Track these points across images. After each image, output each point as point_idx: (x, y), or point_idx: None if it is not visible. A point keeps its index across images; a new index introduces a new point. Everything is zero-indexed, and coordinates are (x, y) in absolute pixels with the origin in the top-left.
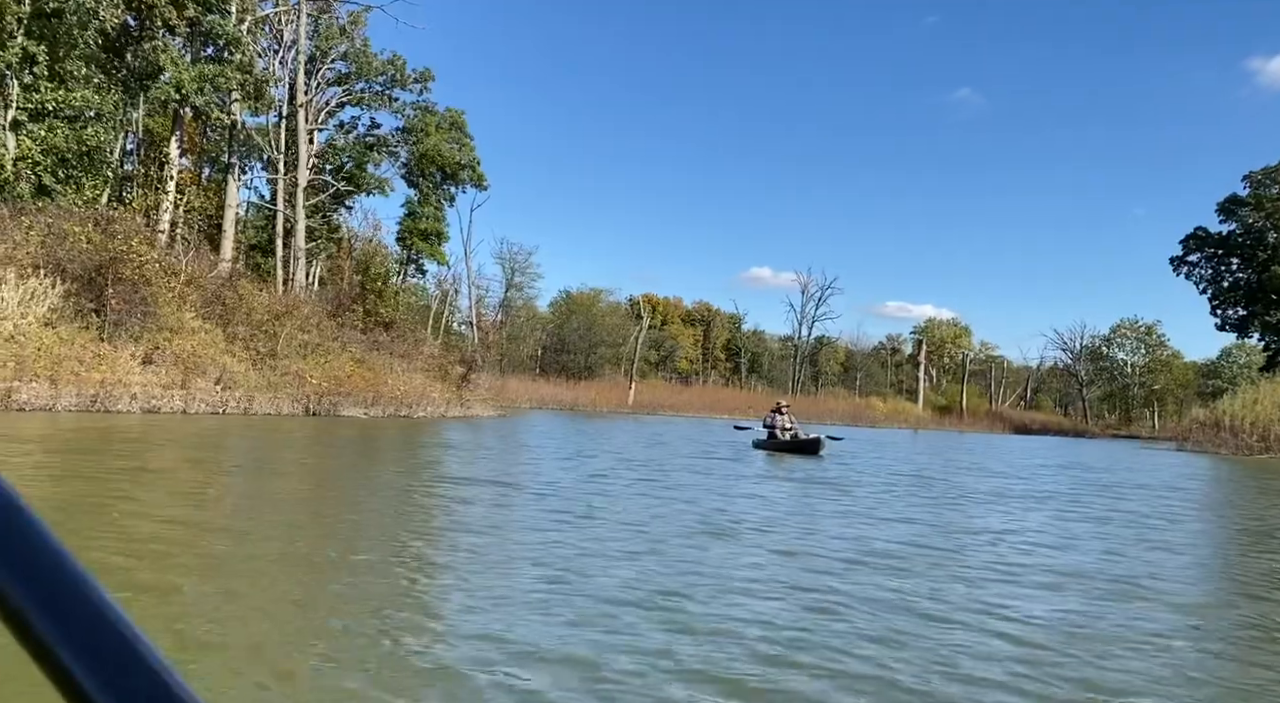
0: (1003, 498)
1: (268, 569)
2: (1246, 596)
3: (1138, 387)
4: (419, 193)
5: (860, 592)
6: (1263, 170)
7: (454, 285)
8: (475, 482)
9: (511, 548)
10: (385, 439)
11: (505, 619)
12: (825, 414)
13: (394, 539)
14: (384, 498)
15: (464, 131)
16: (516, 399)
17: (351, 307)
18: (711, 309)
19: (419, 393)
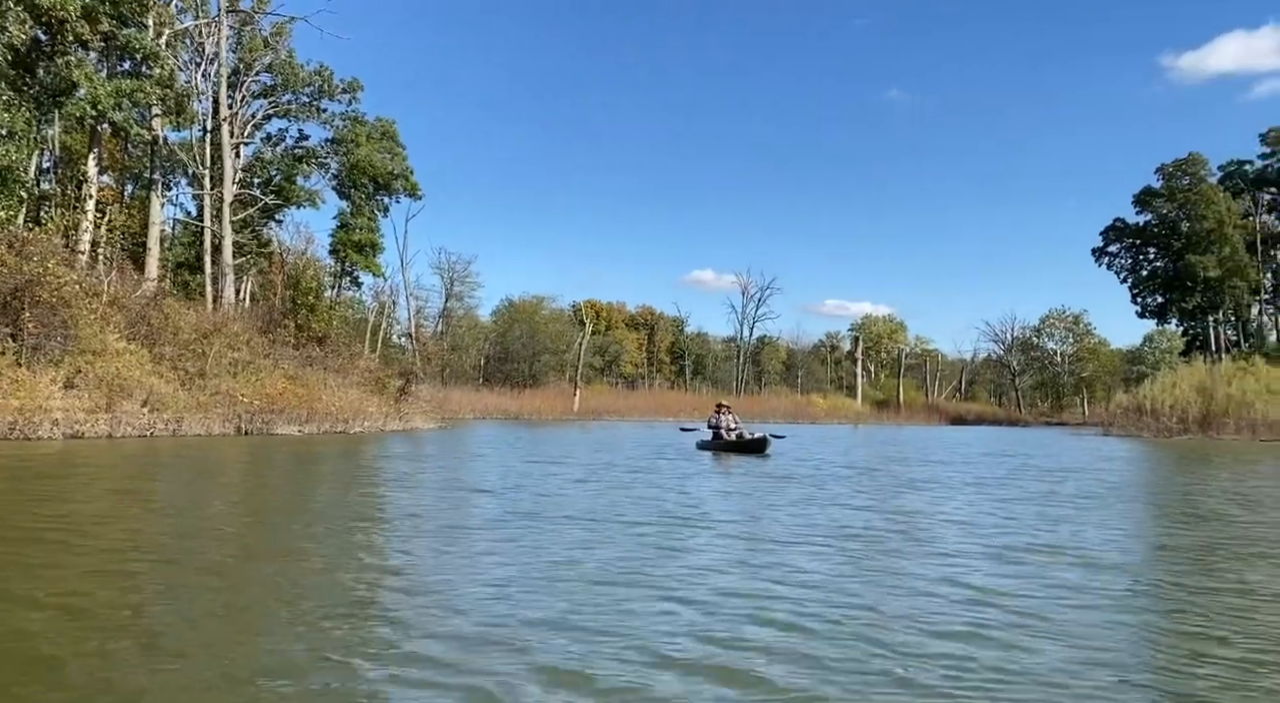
0: (940, 485)
1: (203, 624)
2: (1156, 561)
3: (1067, 375)
4: (351, 204)
5: (816, 568)
6: (1174, 163)
7: (391, 297)
8: (413, 494)
9: (455, 565)
10: (319, 456)
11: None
12: (768, 413)
13: (340, 574)
14: (322, 517)
15: (396, 141)
16: (459, 410)
17: (283, 322)
18: (655, 313)
19: (355, 408)
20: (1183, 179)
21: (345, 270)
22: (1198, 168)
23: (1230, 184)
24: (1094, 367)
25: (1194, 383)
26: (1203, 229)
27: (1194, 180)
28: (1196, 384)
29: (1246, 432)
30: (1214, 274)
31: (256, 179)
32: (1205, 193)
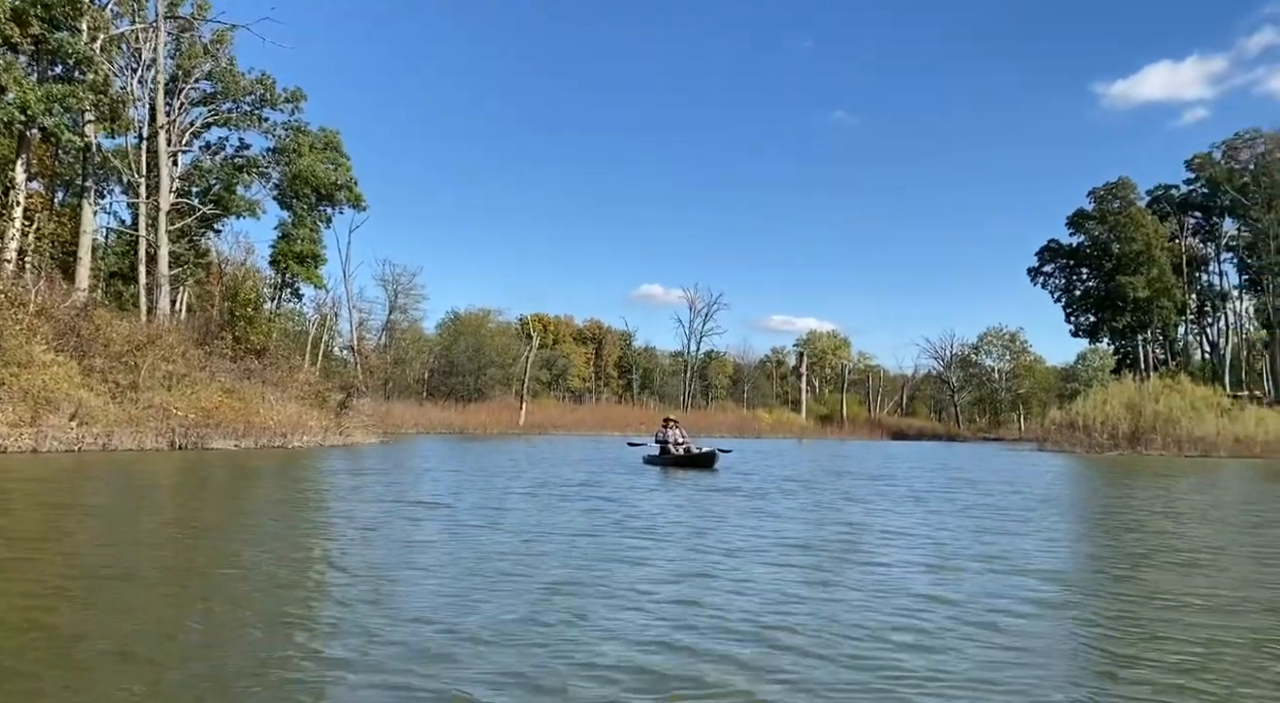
0: (882, 498)
1: (144, 638)
2: (1087, 569)
3: (1005, 391)
4: (293, 215)
5: (763, 576)
6: (1105, 186)
7: (333, 309)
8: (355, 508)
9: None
10: (256, 471)
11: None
12: (714, 427)
13: (278, 591)
14: (260, 532)
15: (340, 151)
16: (402, 425)
17: (220, 334)
18: (603, 327)
19: (294, 422)
20: (1113, 202)
21: (286, 282)
22: (1127, 192)
23: (1158, 208)
24: (1030, 384)
25: (1124, 400)
26: (1132, 251)
27: (1124, 204)
28: (1126, 401)
29: (1173, 447)
30: (1143, 294)
31: (195, 188)
32: (1134, 216)
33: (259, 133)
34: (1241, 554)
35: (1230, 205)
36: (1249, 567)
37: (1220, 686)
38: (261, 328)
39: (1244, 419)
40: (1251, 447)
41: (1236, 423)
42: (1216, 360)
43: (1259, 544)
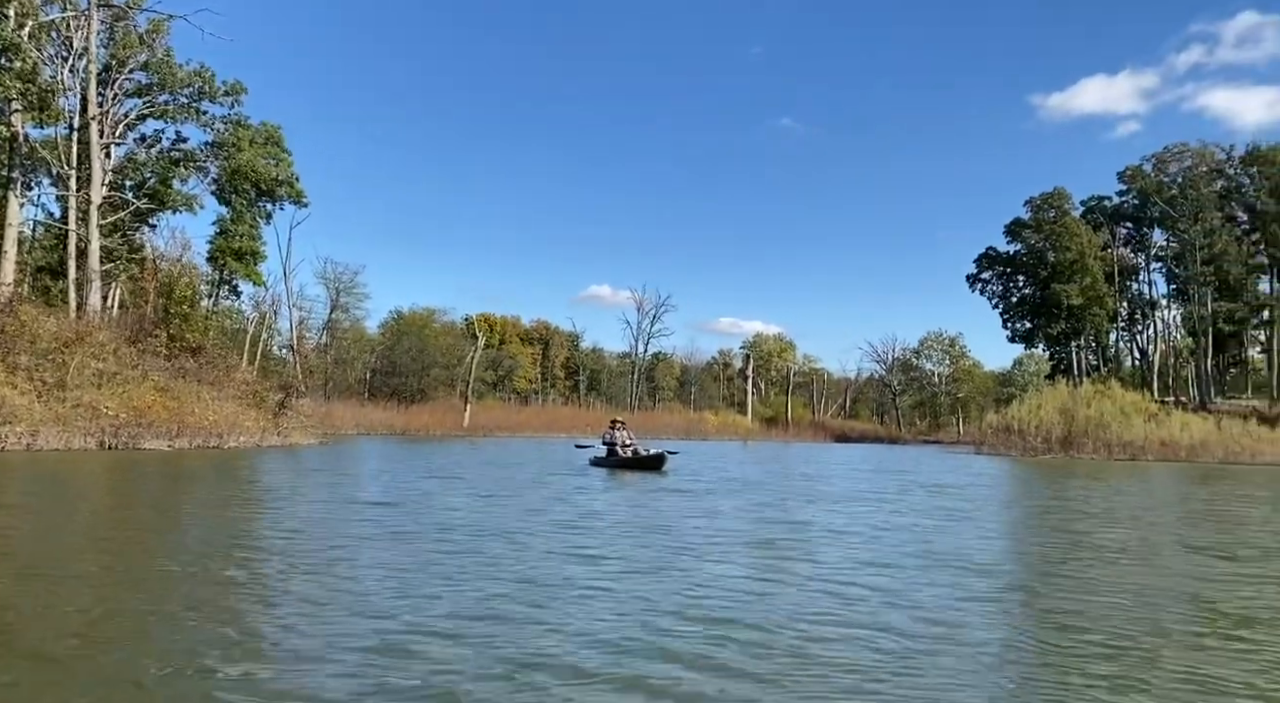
0: (826, 498)
1: (72, 635)
2: (1020, 565)
3: (944, 395)
4: (232, 210)
5: (716, 572)
6: (1041, 196)
7: (273, 307)
8: (293, 509)
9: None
10: (189, 471)
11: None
12: (661, 429)
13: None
14: (191, 531)
15: (281, 147)
16: (342, 425)
17: (154, 332)
18: (550, 328)
19: (230, 422)
20: (1049, 212)
21: (224, 279)
22: (1062, 202)
23: (1092, 218)
24: (968, 388)
25: (1057, 405)
26: (1066, 260)
27: (1059, 213)
28: (1059, 406)
29: (1103, 451)
30: (1076, 302)
31: (129, 181)
32: (1069, 225)
33: (197, 126)
34: (1165, 550)
35: (1159, 217)
36: (1173, 561)
37: (1141, 671)
38: (197, 326)
39: (1170, 424)
40: (1177, 450)
41: (1163, 428)
42: (1145, 367)
43: (1181, 541)
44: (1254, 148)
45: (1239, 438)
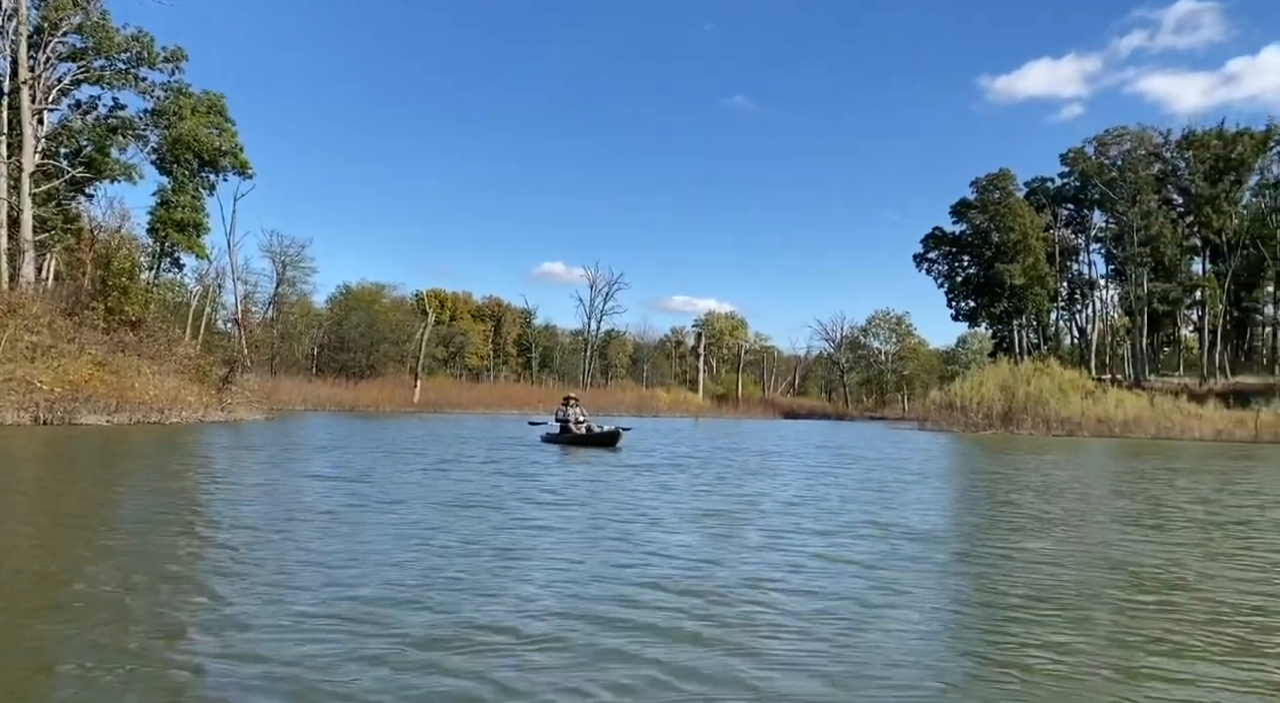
0: (776, 472)
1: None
2: (961, 533)
3: (890, 372)
4: (173, 180)
5: (673, 541)
6: (987, 177)
7: (217, 281)
8: (239, 484)
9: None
10: (128, 447)
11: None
12: (613, 405)
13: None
14: (130, 508)
15: (224, 116)
16: (289, 401)
17: (91, 304)
18: (502, 304)
19: (172, 397)
20: (994, 193)
21: (165, 251)
22: (1007, 183)
23: (1035, 199)
24: (914, 365)
25: (998, 382)
26: (1010, 240)
27: (1003, 194)
28: (1000, 383)
29: (1042, 427)
30: (1019, 282)
31: (63, 149)
32: (1013, 206)
33: (135, 93)
34: (1094, 519)
35: (1099, 199)
36: (1102, 530)
37: (1072, 629)
38: (137, 298)
39: (1105, 401)
40: (1112, 427)
41: (1099, 404)
42: (1084, 345)
43: (1109, 512)
44: (1189, 132)
45: (1170, 414)
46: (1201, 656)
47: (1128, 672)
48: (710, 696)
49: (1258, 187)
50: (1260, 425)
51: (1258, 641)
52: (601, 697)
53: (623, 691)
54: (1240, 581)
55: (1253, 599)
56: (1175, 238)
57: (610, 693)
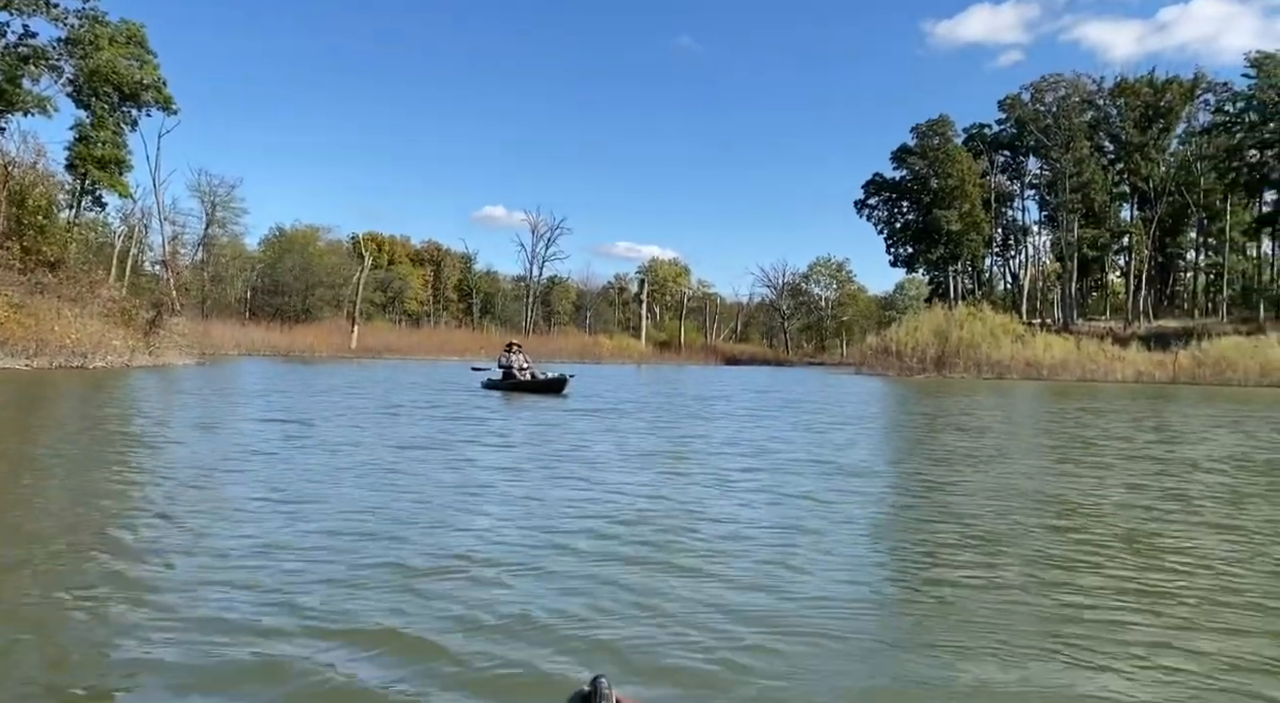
0: (719, 415)
1: None
2: (896, 470)
3: (830, 318)
4: (92, 115)
5: (626, 481)
6: (927, 123)
7: (143, 221)
8: (170, 429)
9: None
10: (47, 392)
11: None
12: (556, 352)
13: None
14: (52, 456)
15: (145, 47)
16: (221, 345)
17: (5, 244)
18: (441, 249)
19: (95, 341)
20: (933, 139)
21: (86, 189)
22: (945, 129)
23: (972, 146)
24: (853, 311)
25: (932, 327)
26: (948, 186)
27: (942, 141)
28: (934, 328)
29: (973, 370)
30: (955, 228)
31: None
32: (951, 153)
33: (46, 20)
34: (1016, 456)
35: (1034, 146)
36: (1024, 465)
37: (995, 553)
38: (55, 238)
39: (1034, 345)
40: (1040, 369)
41: (1028, 348)
42: (1016, 290)
43: (1031, 448)
44: (1121, 80)
45: (1095, 357)
46: (1106, 571)
47: (1041, 585)
48: (663, 609)
49: (1184, 135)
50: (1177, 368)
51: (1157, 559)
52: (569, 612)
53: (588, 608)
54: (1146, 508)
55: (1151, 526)
56: (1105, 185)
57: (579, 608)
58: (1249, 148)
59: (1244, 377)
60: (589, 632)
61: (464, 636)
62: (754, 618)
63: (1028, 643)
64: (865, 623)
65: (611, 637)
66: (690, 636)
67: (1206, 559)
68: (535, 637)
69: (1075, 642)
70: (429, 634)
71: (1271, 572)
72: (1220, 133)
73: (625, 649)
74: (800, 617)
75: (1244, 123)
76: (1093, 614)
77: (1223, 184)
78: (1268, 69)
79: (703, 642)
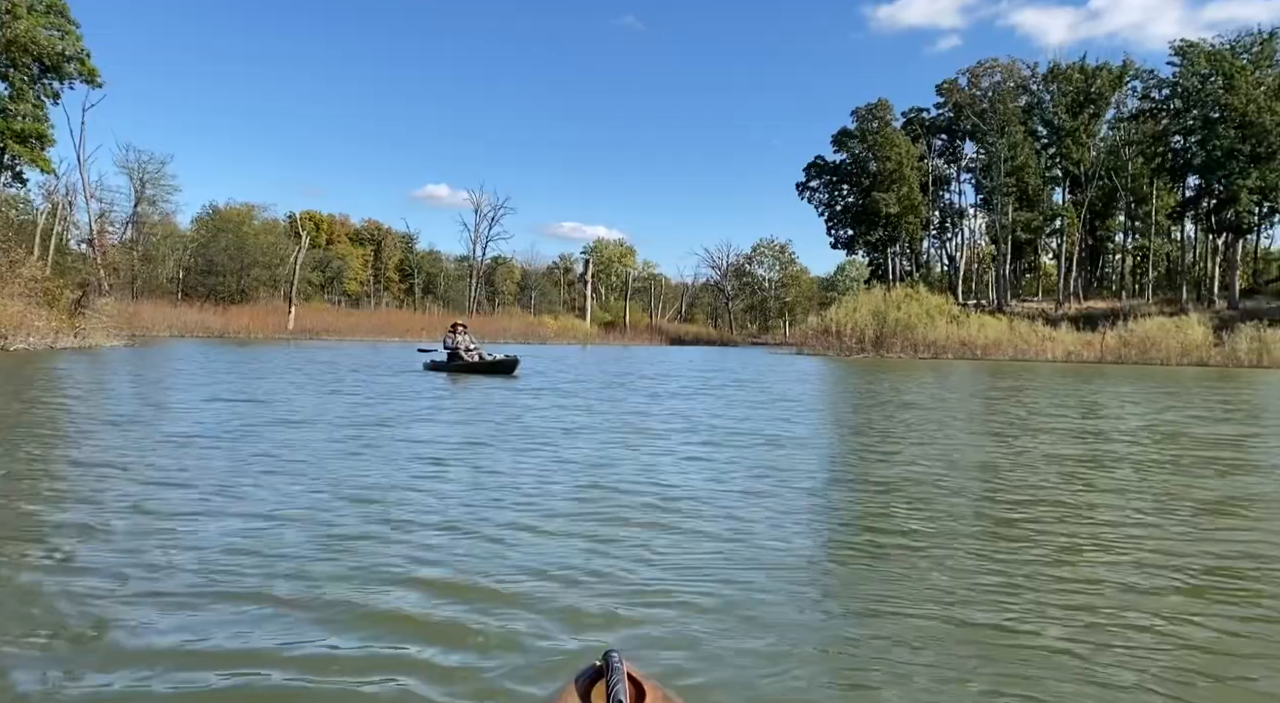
0: (663, 393)
1: None
2: (836, 443)
3: (774, 299)
4: (10, 87)
5: (578, 450)
6: (866, 106)
7: (68, 198)
8: (100, 410)
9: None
10: None
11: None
12: (499, 333)
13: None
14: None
15: (66, 17)
16: (152, 327)
17: None
18: (382, 228)
19: (16, 322)
20: (873, 122)
21: (5, 164)
22: (885, 113)
23: (910, 129)
24: (796, 292)
25: (870, 308)
26: (886, 169)
27: (881, 124)
28: (872, 309)
29: (909, 350)
30: (894, 210)
31: None
32: (890, 136)
33: None
34: (945, 428)
35: (970, 130)
36: (951, 437)
37: (921, 516)
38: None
39: (969, 325)
40: (974, 349)
41: (963, 328)
42: (953, 272)
43: (960, 422)
44: (1054, 66)
45: (1027, 337)
46: (1025, 527)
47: (978, 554)
48: (618, 566)
49: (1113, 121)
50: (1105, 347)
51: (1072, 516)
52: (527, 566)
53: (549, 564)
54: (1064, 475)
55: (1078, 488)
56: (1039, 169)
57: (538, 564)
58: (1173, 134)
59: (1166, 356)
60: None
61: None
62: (708, 575)
63: (963, 596)
64: (801, 577)
65: (568, 603)
66: (649, 589)
67: (1116, 518)
68: (526, 606)
69: (997, 592)
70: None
71: (1169, 524)
72: (1147, 119)
73: (588, 609)
74: (743, 581)
75: (1169, 110)
76: (1014, 567)
77: (1149, 169)
78: (1191, 57)
79: (662, 594)
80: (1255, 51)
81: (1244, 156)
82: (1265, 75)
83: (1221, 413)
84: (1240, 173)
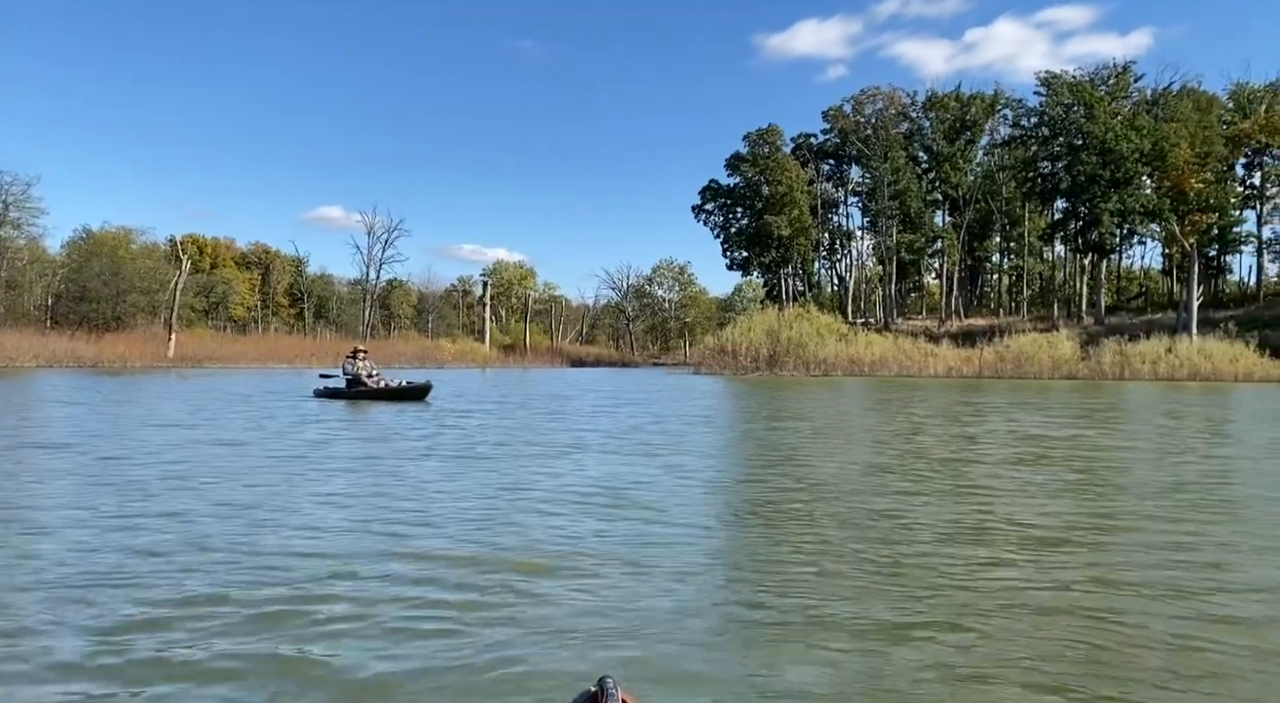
0: (558, 414)
1: None
2: (727, 454)
3: (674, 320)
4: None
5: (463, 475)
6: (758, 131)
7: None
8: None
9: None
10: None
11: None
12: (394, 357)
13: None
14: None
15: None
16: (17, 357)
17: None
18: (270, 251)
19: None
20: (764, 147)
21: None
22: (775, 138)
23: (800, 154)
24: (695, 313)
25: (764, 327)
26: (778, 193)
27: (772, 149)
28: (766, 329)
29: (802, 368)
30: (785, 233)
31: None
32: (780, 161)
33: None
34: (835, 440)
35: (856, 155)
36: (839, 448)
37: (832, 522)
38: None
39: (857, 343)
40: (862, 366)
41: (852, 346)
42: (843, 292)
43: (848, 433)
44: (932, 94)
45: (911, 354)
46: (903, 514)
47: (865, 558)
48: (538, 562)
49: (988, 147)
50: (982, 362)
51: (944, 500)
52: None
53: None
54: (945, 476)
55: (934, 480)
56: (920, 192)
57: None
58: (1041, 160)
59: (1039, 370)
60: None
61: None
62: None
63: (852, 573)
64: (705, 564)
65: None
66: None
67: (982, 507)
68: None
69: (886, 573)
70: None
71: (1027, 503)
72: (1018, 146)
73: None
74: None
75: (1037, 137)
76: (899, 548)
77: (1021, 193)
78: (1055, 88)
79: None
80: (1111, 83)
81: (1105, 181)
82: (1121, 105)
83: (1075, 418)
84: (1102, 196)
